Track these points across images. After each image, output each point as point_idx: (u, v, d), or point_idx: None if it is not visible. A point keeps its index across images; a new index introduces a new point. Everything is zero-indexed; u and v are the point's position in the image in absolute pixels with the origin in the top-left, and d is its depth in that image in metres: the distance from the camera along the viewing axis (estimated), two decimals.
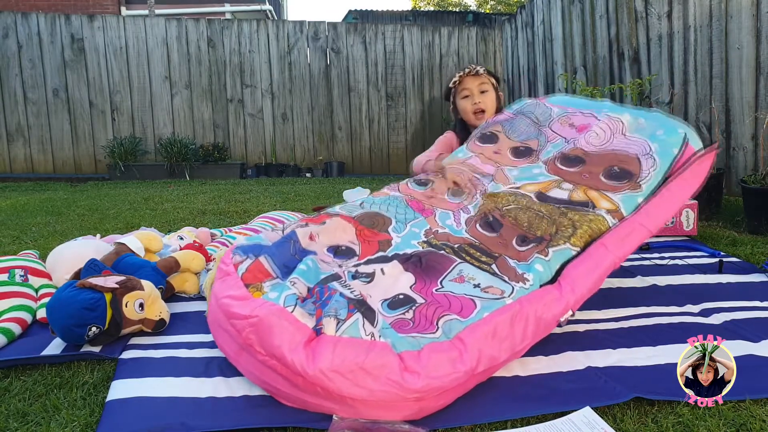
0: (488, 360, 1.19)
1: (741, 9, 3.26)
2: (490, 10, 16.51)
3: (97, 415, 1.13)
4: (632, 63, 4.37)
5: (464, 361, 1.15)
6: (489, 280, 1.41)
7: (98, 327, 1.41)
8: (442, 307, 1.31)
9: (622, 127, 1.81)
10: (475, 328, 1.22)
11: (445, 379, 1.11)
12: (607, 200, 1.60)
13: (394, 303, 1.34)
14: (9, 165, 6.53)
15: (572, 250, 1.46)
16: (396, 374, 1.10)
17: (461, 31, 7.41)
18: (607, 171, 1.68)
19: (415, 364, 1.12)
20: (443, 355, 1.15)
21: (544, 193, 1.70)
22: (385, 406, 1.10)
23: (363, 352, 1.12)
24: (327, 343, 1.14)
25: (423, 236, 1.67)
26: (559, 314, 1.34)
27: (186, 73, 6.78)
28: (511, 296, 1.33)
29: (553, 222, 1.56)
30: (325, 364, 1.09)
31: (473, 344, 1.18)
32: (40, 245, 2.59)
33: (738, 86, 3.32)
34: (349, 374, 1.09)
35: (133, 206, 3.98)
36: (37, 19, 6.45)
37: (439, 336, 1.22)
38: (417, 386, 1.09)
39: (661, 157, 1.64)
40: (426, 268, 1.49)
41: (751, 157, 3.26)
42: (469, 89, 2.26)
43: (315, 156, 7.13)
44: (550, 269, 1.42)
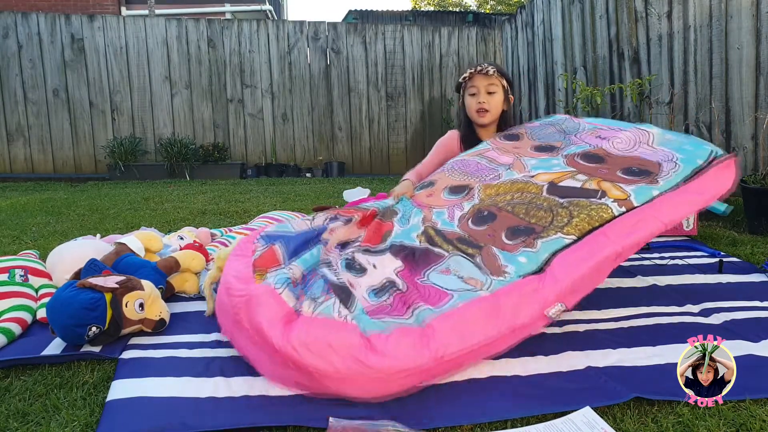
0: (457, 349, 1.21)
1: (741, 9, 3.26)
2: (490, 10, 16.51)
3: (97, 415, 1.13)
4: (632, 63, 4.37)
5: (431, 347, 1.20)
6: (471, 272, 1.43)
7: (98, 327, 1.41)
8: (420, 297, 1.37)
9: (649, 138, 1.80)
10: (447, 316, 1.27)
11: (409, 363, 1.16)
12: (618, 189, 1.56)
13: (379, 290, 1.42)
14: (9, 165, 6.53)
15: (565, 238, 1.43)
16: (361, 353, 1.16)
17: (461, 31, 7.41)
18: (625, 169, 1.67)
19: (381, 345, 1.19)
20: (410, 339, 1.21)
21: (556, 183, 1.67)
22: (350, 383, 1.16)
23: (332, 331, 1.21)
24: (302, 321, 1.24)
25: (421, 225, 1.71)
26: (541, 306, 1.30)
27: (186, 73, 6.78)
28: (489, 288, 1.35)
29: (551, 212, 1.53)
30: (296, 339, 1.18)
31: (443, 332, 1.23)
32: (40, 245, 2.59)
33: (738, 86, 3.32)
34: (317, 350, 1.17)
35: (133, 206, 3.98)
36: (37, 19, 6.45)
37: (410, 321, 1.28)
38: (379, 366, 1.15)
39: (684, 163, 1.62)
40: (417, 259, 1.55)
41: (751, 157, 3.26)
42: (477, 87, 2.25)
43: (315, 156, 7.13)
44: (536, 260, 1.40)
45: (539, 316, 1.31)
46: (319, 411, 1.12)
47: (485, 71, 2.24)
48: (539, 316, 1.31)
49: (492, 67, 2.26)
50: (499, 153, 1.98)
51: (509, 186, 1.74)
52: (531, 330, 1.33)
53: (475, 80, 2.26)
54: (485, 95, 2.25)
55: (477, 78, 2.26)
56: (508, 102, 2.31)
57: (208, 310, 1.68)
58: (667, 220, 1.45)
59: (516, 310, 1.29)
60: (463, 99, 2.34)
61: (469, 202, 1.77)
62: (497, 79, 2.25)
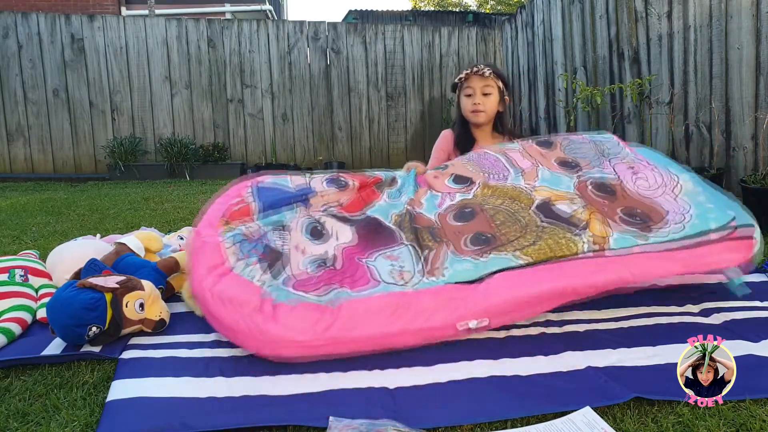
0: (354, 335, 1.29)
1: (741, 9, 3.26)
2: (490, 10, 16.51)
3: (97, 415, 1.13)
4: (632, 63, 4.37)
5: (330, 328, 1.29)
6: (408, 265, 1.48)
7: (98, 327, 1.41)
8: (348, 278, 1.45)
9: (676, 186, 1.75)
10: (359, 302, 1.35)
11: (301, 335, 1.27)
12: (603, 226, 1.54)
13: (320, 262, 1.51)
14: (9, 165, 6.53)
15: (518, 259, 1.45)
16: (259, 317, 1.29)
17: (461, 31, 7.41)
18: (627, 209, 1.64)
19: (282, 315, 1.30)
20: (312, 315, 1.31)
21: (550, 203, 1.67)
22: (249, 341, 1.31)
23: (243, 291, 1.35)
24: (225, 275, 1.38)
25: (406, 205, 1.75)
26: (458, 316, 1.34)
27: (186, 73, 6.78)
28: (413, 286, 1.39)
29: (523, 229, 1.54)
30: (216, 290, 1.34)
31: (347, 316, 1.31)
32: (40, 245, 2.59)
33: (738, 86, 3.32)
34: (227, 302, 1.32)
35: (133, 206, 3.98)
36: (37, 19, 6.45)
37: (322, 298, 1.36)
38: (271, 332, 1.27)
39: (693, 222, 1.56)
40: (376, 237, 1.61)
41: (751, 157, 3.26)
42: (473, 88, 2.28)
43: (315, 156, 7.12)
44: (479, 270, 1.43)
45: (451, 324, 1.34)
46: (319, 411, 1.12)
47: (481, 72, 2.27)
48: (451, 324, 1.34)
49: (488, 69, 2.28)
50: (522, 155, 1.96)
51: (507, 191, 1.75)
52: (444, 335, 1.36)
53: (470, 81, 2.29)
54: (480, 96, 2.28)
55: (473, 79, 2.28)
56: (503, 103, 2.33)
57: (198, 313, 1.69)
58: (637, 272, 1.43)
59: (429, 313, 1.34)
60: (459, 99, 2.37)
61: (463, 194, 1.79)
62: (493, 81, 2.28)
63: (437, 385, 1.24)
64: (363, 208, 1.78)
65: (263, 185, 1.79)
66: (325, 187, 1.85)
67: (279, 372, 1.30)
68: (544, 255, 1.46)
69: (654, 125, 4.07)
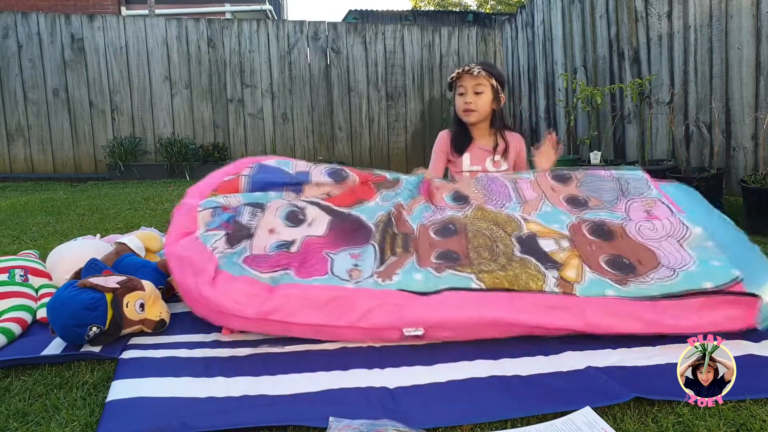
0: (282, 317, 1.36)
1: (741, 9, 3.26)
2: (490, 10, 16.50)
3: (97, 415, 1.13)
4: (632, 63, 4.37)
5: (262, 302, 1.36)
6: (365, 264, 1.51)
7: (98, 327, 1.41)
8: (301, 263, 1.50)
9: (685, 234, 1.63)
10: (299, 287, 1.40)
11: (231, 305, 1.35)
12: (576, 271, 1.49)
13: (281, 245, 1.56)
14: (9, 165, 6.52)
15: (472, 282, 1.45)
16: (202, 280, 1.38)
17: (461, 31, 7.41)
18: (614, 258, 1.56)
19: (222, 284, 1.39)
20: (248, 288, 1.38)
21: (535, 236, 1.64)
22: (193, 303, 1.43)
23: (197, 253, 1.44)
24: (188, 239, 1.49)
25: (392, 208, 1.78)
26: (401, 321, 1.37)
27: (186, 73, 6.78)
28: (355, 282, 1.43)
29: (493, 256, 1.55)
30: (173, 250, 1.46)
31: (282, 296, 1.38)
32: (40, 245, 2.59)
33: (738, 86, 3.32)
34: (180, 265, 1.44)
35: (133, 206, 3.98)
36: (37, 19, 6.45)
37: (265, 276, 1.43)
38: (207, 294, 1.36)
39: (685, 279, 1.45)
40: (348, 234, 1.65)
41: (751, 157, 3.26)
42: (465, 87, 2.28)
43: (315, 156, 7.12)
44: (429, 284, 1.45)
45: (396, 328, 1.38)
46: (319, 411, 1.12)
47: (471, 71, 2.26)
48: (396, 328, 1.38)
49: (478, 67, 2.27)
50: (531, 186, 1.94)
51: (497, 217, 1.75)
52: (390, 338, 1.40)
53: (462, 80, 2.29)
54: (472, 95, 2.27)
55: (464, 78, 2.28)
56: (497, 101, 2.32)
57: None
58: (593, 323, 1.38)
59: (368, 312, 1.37)
60: (454, 98, 2.38)
61: (454, 212, 1.81)
62: (485, 79, 2.27)
63: (437, 385, 1.24)
64: (352, 204, 1.81)
65: (265, 164, 1.86)
66: (324, 177, 1.88)
67: (279, 372, 1.30)
68: (501, 285, 1.45)
69: (654, 125, 4.06)
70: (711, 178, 3.19)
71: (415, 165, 2.38)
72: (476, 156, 2.34)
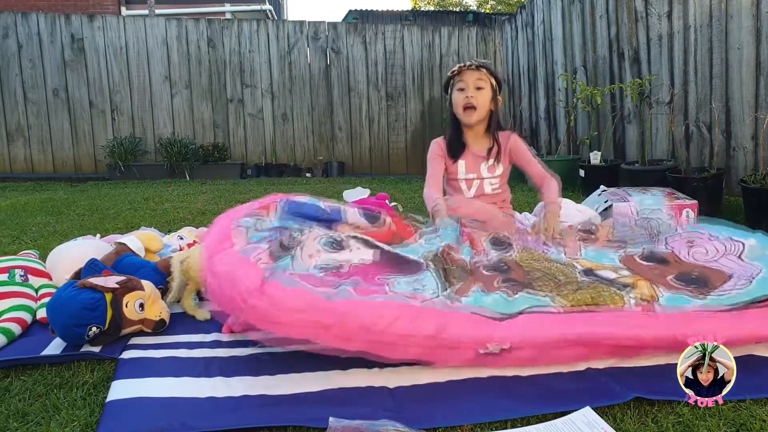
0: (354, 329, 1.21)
1: (741, 9, 3.26)
2: (490, 10, 16.50)
3: (97, 415, 1.13)
4: (632, 63, 4.37)
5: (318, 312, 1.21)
6: (431, 290, 1.39)
7: (98, 327, 1.41)
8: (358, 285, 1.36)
9: (741, 250, 1.57)
10: (359, 302, 1.27)
11: (280, 316, 1.21)
12: (651, 290, 1.40)
13: (325, 267, 1.46)
14: (9, 165, 6.52)
15: (552, 302, 1.36)
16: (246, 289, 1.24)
17: (461, 31, 7.41)
18: (682, 275, 1.49)
19: (271, 291, 1.24)
20: (302, 298, 1.24)
21: (592, 270, 1.56)
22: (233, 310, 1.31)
23: (242, 266, 1.32)
24: (229, 251, 1.39)
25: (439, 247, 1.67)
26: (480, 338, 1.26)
27: (186, 73, 6.78)
28: (423, 302, 1.31)
29: (561, 285, 1.44)
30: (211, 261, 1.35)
31: (342, 308, 1.23)
32: (40, 245, 2.59)
33: (738, 86, 3.32)
34: (219, 274, 1.31)
35: (133, 206, 3.98)
36: (37, 19, 6.45)
37: (319, 291, 1.29)
38: (255, 303, 1.22)
39: (759, 283, 1.39)
40: (396, 264, 1.55)
41: (751, 157, 3.26)
42: (465, 82, 2.20)
43: (315, 156, 7.12)
44: (506, 306, 1.34)
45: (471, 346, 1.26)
46: (319, 411, 1.12)
47: (474, 66, 2.20)
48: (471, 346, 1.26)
49: (479, 62, 2.23)
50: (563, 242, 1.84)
51: (546, 258, 1.66)
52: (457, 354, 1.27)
53: (463, 75, 2.21)
54: (473, 90, 2.19)
55: (466, 73, 2.20)
56: (495, 102, 2.25)
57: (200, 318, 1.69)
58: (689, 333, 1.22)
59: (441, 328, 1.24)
60: (451, 97, 2.28)
61: (500, 254, 1.71)
62: (486, 75, 2.20)
63: (437, 385, 1.24)
64: (392, 242, 1.71)
65: (296, 199, 1.77)
66: (360, 218, 1.79)
67: (279, 372, 1.30)
68: (583, 302, 1.35)
69: (654, 125, 4.06)
70: (711, 178, 3.19)
71: (415, 165, 2.36)
72: (471, 163, 2.26)
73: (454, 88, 2.25)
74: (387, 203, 2.69)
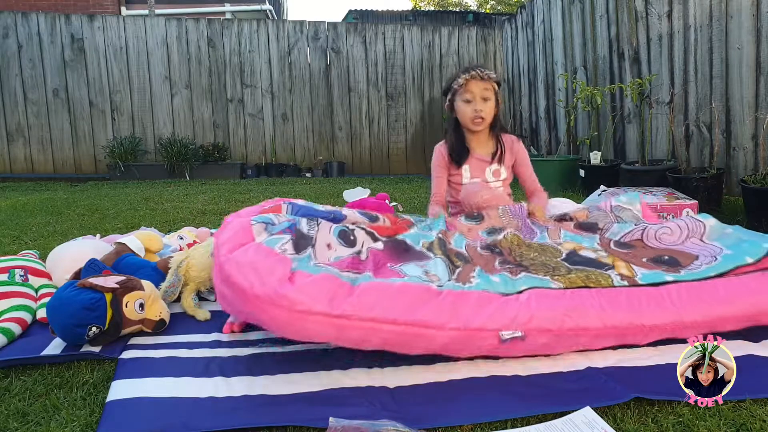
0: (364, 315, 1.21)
1: (741, 9, 3.26)
2: (491, 10, 16.51)
3: (97, 415, 1.13)
4: (632, 63, 4.37)
5: (342, 302, 1.22)
6: (441, 272, 1.46)
7: (98, 327, 1.41)
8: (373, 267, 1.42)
9: (702, 231, 1.70)
10: (380, 286, 1.29)
11: (313, 305, 1.19)
12: (629, 270, 1.51)
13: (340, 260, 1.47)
14: (9, 165, 6.53)
15: (551, 282, 1.42)
16: (276, 279, 1.23)
17: (461, 31, 7.41)
18: (655, 257, 1.61)
19: (300, 281, 1.24)
20: (329, 286, 1.25)
21: (575, 251, 1.66)
22: (258, 304, 1.21)
23: (263, 257, 1.29)
24: (248, 245, 1.34)
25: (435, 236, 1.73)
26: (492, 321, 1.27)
27: (186, 73, 6.78)
28: (440, 286, 1.36)
29: (551, 269, 1.52)
30: (233, 257, 1.29)
31: (363, 295, 1.24)
32: (40, 245, 2.59)
33: (738, 86, 3.32)
34: (243, 267, 1.26)
35: (133, 206, 3.98)
36: (37, 19, 6.45)
37: (344, 275, 1.32)
38: (284, 291, 1.19)
39: (725, 259, 1.51)
40: (403, 252, 1.59)
41: (751, 157, 3.26)
42: (472, 93, 2.16)
43: (315, 156, 7.13)
44: (511, 286, 1.40)
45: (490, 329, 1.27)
46: (319, 411, 1.12)
47: (481, 76, 2.16)
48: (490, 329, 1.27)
49: (485, 70, 2.18)
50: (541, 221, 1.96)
51: (535, 245, 1.73)
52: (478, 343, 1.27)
53: (470, 86, 2.16)
54: (481, 102, 2.16)
55: (473, 84, 2.16)
56: (497, 105, 2.24)
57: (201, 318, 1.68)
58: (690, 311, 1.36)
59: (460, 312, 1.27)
60: (453, 103, 2.25)
61: (493, 237, 1.78)
62: (491, 84, 2.18)
63: (437, 385, 1.24)
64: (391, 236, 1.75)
65: (295, 202, 1.80)
66: (358, 216, 1.83)
67: (279, 372, 1.30)
68: (578, 283, 1.43)
69: (654, 125, 4.06)
70: (711, 178, 3.19)
71: (415, 165, 2.36)
72: (475, 167, 2.27)
73: (460, 98, 2.21)
74: (387, 203, 2.69)
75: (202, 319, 1.67)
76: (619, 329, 1.34)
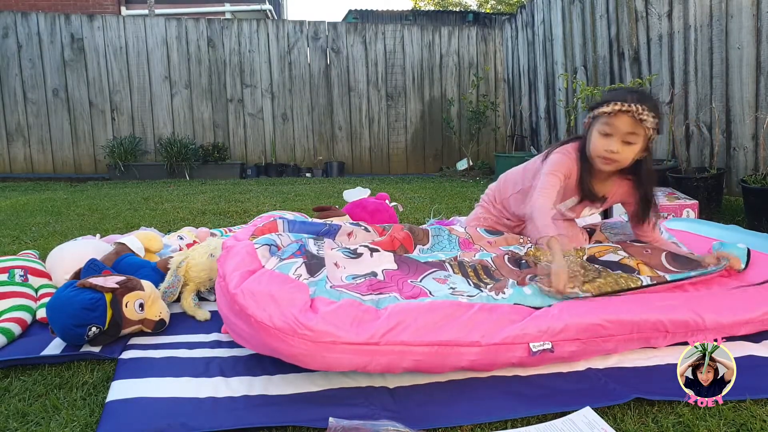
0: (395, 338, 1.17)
1: (741, 9, 3.26)
2: (491, 10, 16.50)
3: (97, 415, 1.13)
4: (632, 63, 4.37)
5: (369, 326, 1.18)
6: (466, 288, 1.43)
7: (98, 327, 1.41)
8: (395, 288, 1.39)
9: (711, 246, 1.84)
10: (408, 307, 1.25)
11: (338, 332, 1.15)
12: (653, 273, 1.58)
13: (358, 276, 1.45)
14: (9, 165, 6.52)
15: (579, 293, 1.44)
16: (297, 309, 1.17)
17: (461, 31, 7.41)
18: (670, 254, 1.70)
19: (323, 308, 1.20)
20: (353, 312, 1.20)
21: (596, 257, 1.70)
22: (282, 340, 1.15)
23: (280, 285, 1.24)
24: (259, 272, 1.30)
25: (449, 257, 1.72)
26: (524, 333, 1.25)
27: (186, 73, 6.78)
28: (469, 297, 1.35)
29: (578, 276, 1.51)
30: (246, 286, 1.23)
31: (391, 318, 1.21)
32: (40, 245, 2.59)
33: (738, 86, 3.32)
34: (260, 299, 1.19)
35: (133, 206, 3.98)
36: (37, 19, 6.45)
37: (366, 299, 1.29)
38: (310, 324, 1.14)
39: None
40: (418, 266, 1.56)
41: (751, 157, 3.26)
42: (615, 128, 1.65)
43: (315, 156, 7.12)
44: (542, 299, 1.41)
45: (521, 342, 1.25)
46: (319, 411, 1.12)
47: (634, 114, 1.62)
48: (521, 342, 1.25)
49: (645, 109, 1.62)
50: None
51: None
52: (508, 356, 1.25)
53: (617, 120, 1.65)
54: (620, 144, 1.66)
55: (621, 117, 1.64)
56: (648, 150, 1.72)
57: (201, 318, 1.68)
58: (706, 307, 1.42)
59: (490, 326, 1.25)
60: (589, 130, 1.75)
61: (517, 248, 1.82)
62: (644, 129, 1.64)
63: (437, 385, 1.24)
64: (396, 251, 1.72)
65: (289, 218, 1.78)
66: (350, 226, 1.81)
67: (279, 372, 1.30)
68: (607, 289, 1.46)
69: None
70: (711, 178, 3.19)
71: (415, 165, 2.34)
72: (579, 204, 1.92)
73: (597, 127, 1.71)
74: (387, 203, 2.69)
75: (202, 319, 1.66)
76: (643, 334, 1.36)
